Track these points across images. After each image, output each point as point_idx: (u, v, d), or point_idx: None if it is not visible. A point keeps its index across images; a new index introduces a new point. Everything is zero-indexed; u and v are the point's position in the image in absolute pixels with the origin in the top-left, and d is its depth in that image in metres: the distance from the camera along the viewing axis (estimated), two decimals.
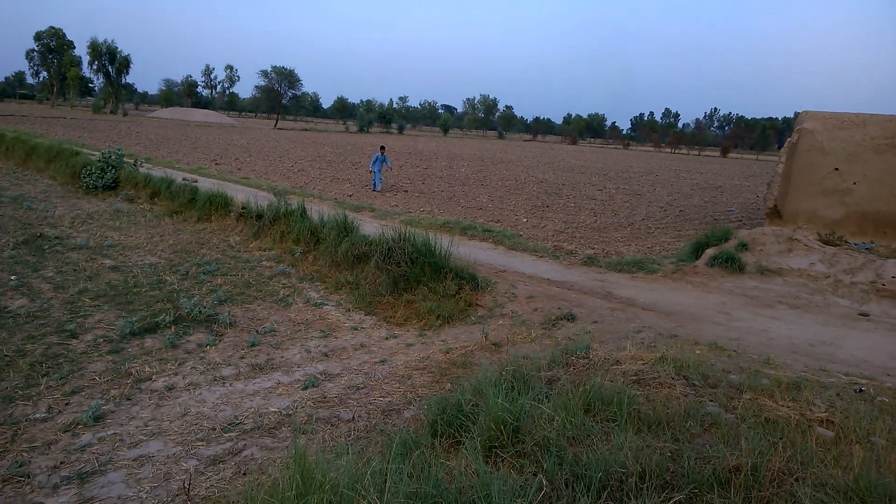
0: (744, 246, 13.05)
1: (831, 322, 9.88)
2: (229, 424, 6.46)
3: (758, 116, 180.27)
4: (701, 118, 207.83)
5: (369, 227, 14.11)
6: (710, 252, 12.92)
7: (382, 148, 25.77)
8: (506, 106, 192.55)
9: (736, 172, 60.49)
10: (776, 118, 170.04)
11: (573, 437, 4.57)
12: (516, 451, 4.48)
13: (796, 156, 16.51)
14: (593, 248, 15.07)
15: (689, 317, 9.69)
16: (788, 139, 17.18)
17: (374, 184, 24.68)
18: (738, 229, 15.74)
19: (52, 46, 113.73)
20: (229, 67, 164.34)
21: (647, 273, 12.44)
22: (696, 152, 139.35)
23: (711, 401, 5.37)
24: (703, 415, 5.00)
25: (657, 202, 27.34)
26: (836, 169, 15.90)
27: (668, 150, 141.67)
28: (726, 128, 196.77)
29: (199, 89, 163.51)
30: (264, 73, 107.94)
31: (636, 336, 8.40)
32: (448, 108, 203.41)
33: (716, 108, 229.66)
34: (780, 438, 4.59)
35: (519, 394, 5.21)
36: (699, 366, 6.21)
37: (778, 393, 5.55)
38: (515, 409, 4.77)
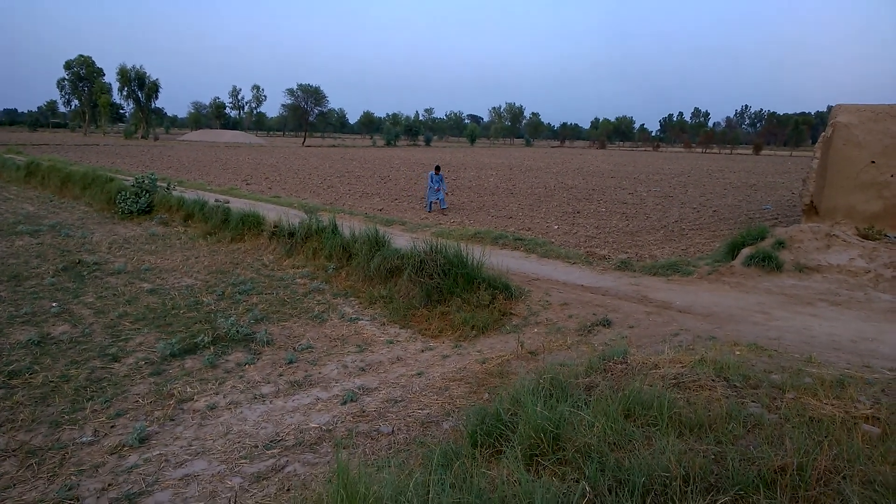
0: (781, 244, 12.85)
1: (873, 317, 9.68)
2: (271, 441, 6.53)
3: (790, 112, 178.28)
4: (731, 116, 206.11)
5: (400, 240, 14.17)
6: (746, 251, 12.75)
7: (437, 168, 23.49)
8: (532, 113, 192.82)
9: (769, 170, 59.75)
10: (809, 113, 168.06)
11: (614, 443, 4.54)
12: (557, 459, 4.47)
13: (831, 150, 16.24)
14: (626, 253, 14.96)
15: (727, 318, 9.57)
16: (822, 134, 16.89)
17: (441, 202, 22.97)
18: (774, 227, 15.50)
19: (83, 75, 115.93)
20: (256, 87, 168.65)
21: (683, 275, 12.30)
22: (728, 151, 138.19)
23: (753, 402, 5.29)
24: (746, 416, 4.93)
25: (690, 203, 27.07)
26: (873, 162, 15.61)
27: (699, 150, 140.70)
28: (758, 125, 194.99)
29: (228, 110, 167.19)
30: (290, 92, 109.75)
31: (674, 339, 8.30)
32: (474, 118, 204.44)
33: (746, 106, 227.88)
34: (826, 437, 4.51)
35: (557, 401, 5.19)
36: (739, 367, 6.12)
37: (821, 391, 5.45)
38: (555, 416, 4.76)
